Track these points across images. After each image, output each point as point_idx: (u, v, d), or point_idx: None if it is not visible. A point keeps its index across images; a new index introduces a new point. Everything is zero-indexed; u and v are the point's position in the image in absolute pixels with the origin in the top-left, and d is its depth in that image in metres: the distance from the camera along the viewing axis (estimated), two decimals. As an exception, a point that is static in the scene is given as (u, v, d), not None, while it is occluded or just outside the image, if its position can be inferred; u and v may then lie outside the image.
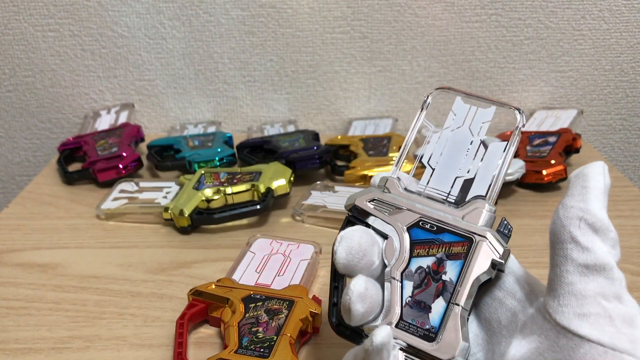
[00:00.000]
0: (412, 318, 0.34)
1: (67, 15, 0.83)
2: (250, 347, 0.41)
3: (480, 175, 0.36)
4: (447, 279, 0.34)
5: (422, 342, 0.33)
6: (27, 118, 0.89)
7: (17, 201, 0.68)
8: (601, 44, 0.87)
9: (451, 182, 0.37)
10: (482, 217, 0.34)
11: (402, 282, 0.35)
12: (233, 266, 0.52)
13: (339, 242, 0.34)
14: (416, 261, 0.35)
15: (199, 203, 0.62)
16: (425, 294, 0.34)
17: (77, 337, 0.46)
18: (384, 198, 0.37)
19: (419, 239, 0.35)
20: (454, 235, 0.34)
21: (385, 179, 0.38)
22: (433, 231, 0.35)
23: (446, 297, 0.33)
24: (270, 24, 0.85)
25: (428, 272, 0.34)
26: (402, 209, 0.36)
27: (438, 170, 0.37)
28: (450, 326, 0.33)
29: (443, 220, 0.35)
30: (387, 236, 0.36)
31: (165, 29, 0.85)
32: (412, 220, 0.36)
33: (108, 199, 0.66)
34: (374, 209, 0.37)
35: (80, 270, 0.55)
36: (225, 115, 0.90)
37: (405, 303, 0.34)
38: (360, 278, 0.33)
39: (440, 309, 0.33)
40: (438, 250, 0.35)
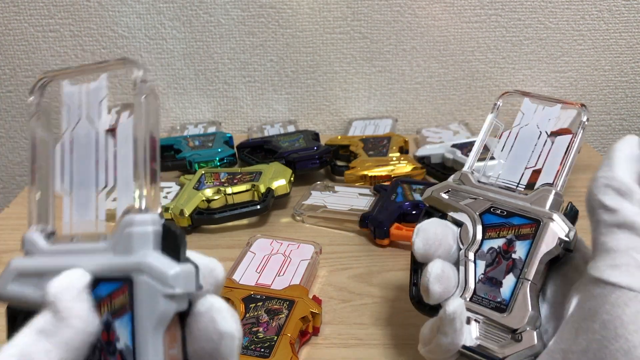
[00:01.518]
0: (484, 292, 0.37)
1: (67, 15, 0.84)
2: (251, 347, 0.42)
3: (548, 165, 0.40)
4: (517, 257, 0.37)
5: (493, 313, 0.36)
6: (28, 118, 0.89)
7: (18, 201, 0.68)
8: (601, 44, 0.87)
9: (521, 172, 0.41)
10: (548, 202, 0.38)
11: (475, 261, 0.38)
12: (233, 266, 0.52)
13: (417, 234, 0.39)
14: (488, 243, 0.38)
15: (200, 203, 0.62)
16: (496, 271, 0.38)
17: (78, 337, 0.46)
18: (459, 189, 0.41)
19: (490, 223, 0.39)
20: (523, 218, 0.38)
21: (460, 173, 0.42)
22: (503, 216, 0.39)
23: (516, 273, 0.37)
24: (271, 25, 0.85)
25: (499, 251, 0.38)
26: (475, 197, 0.40)
27: (509, 163, 0.41)
28: (520, 298, 0.36)
29: (512, 206, 0.39)
30: (462, 223, 0.40)
31: (166, 29, 0.85)
32: (484, 207, 0.40)
33: (108, 199, 0.66)
34: (449, 198, 0.41)
35: (81, 270, 0.55)
36: (226, 115, 0.90)
37: (479, 279, 0.38)
38: (437, 261, 0.37)
39: (510, 284, 0.37)
40: (508, 232, 0.38)
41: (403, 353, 0.44)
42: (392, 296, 0.51)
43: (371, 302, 0.50)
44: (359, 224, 0.60)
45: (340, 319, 0.48)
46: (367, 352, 0.44)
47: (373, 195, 0.65)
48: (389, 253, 0.58)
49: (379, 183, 0.68)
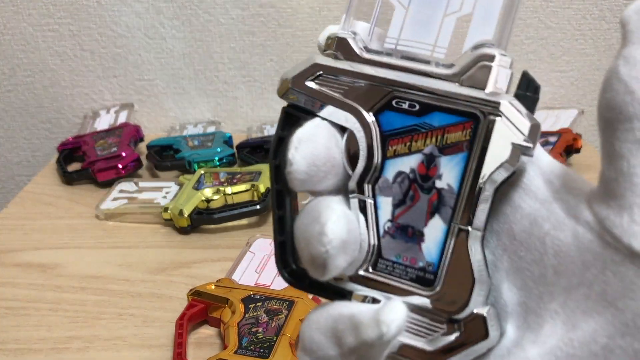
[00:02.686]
0: (396, 253, 0.23)
1: (66, 15, 0.83)
2: (250, 347, 0.41)
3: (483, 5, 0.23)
4: (444, 185, 0.22)
5: (414, 289, 0.23)
6: (27, 118, 0.89)
7: (17, 201, 0.68)
8: (602, 43, 0.87)
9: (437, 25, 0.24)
10: (491, 77, 0.22)
11: (375, 200, 0.24)
12: (233, 266, 0.51)
13: (297, 146, 0.23)
14: (394, 164, 0.23)
15: (199, 203, 0.62)
16: (412, 213, 0.23)
17: (76, 338, 0.46)
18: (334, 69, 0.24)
19: (394, 128, 0.23)
20: (449, 114, 0.22)
21: (333, 39, 0.24)
22: (415, 112, 0.23)
23: (445, 215, 0.22)
24: (270, 24, 0.84)
25: (413, 178, 0.23)
26: (363, 82, 0.24)
27: (414, 9, 0.24)
28: (456, 259, 0.22)
29: (429, 91, 0.23)
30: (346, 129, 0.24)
31: (165, 28, 0.84)
32: (381, 99, 0.23)
33: (107, 199, 0.66)
34: (322, 89, 0.24)
35: (79, 271, 0.55)
36: (225, 115, 0.90)
37: (385, 232, 0.23)
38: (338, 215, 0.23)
39: (438, 235, 0.23)
40: (425, 141, 0.23)
41: (403, 354, 0.44)
42: (393, 296, 0.51)
43: (371, 303, 0.50)
44: (359, 224, 0.59)
45: (340, 320, 0.48)
46: (367, 353, 0.44)
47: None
48: (389, 253, 0.57)
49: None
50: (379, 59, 0.24)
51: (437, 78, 0.22)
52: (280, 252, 0.26)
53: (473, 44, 0.22)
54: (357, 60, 0.24)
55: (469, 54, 0.22)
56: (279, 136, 0.24)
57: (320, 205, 0.23)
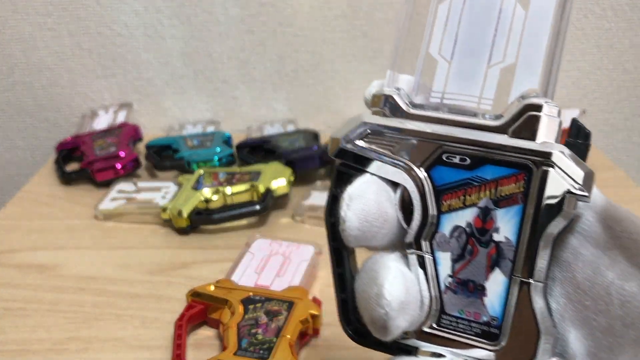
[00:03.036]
0: (459, 309, 0.23)
1: (65, 14, 0.83)
2: (250, 348, 0.41)
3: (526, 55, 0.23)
4: (502, 238, 0.22)
5: (480, 343, 0.23)
6: (25, 117, 0.89)
7: (15, 201, 0.68)
8: (604, 43, 0.87)
9: (481, 77, 0.24)
10: (541, 127, 0.22)
11: (434, 255, 0.24)
12: (232, 267, 0.51)
13: (349, 203, 0.23)
14: (449, 218, 0.23)
15: (198, 203, 0.61)
16: (472, 268, 0.23)
17: (75, 339, 0.46)
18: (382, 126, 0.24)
19: (446, 182, 0.23)
20: (501, 167, 0.22)
21: (380, 96, 0.25)
22: (466, 165, 0.23)
23: (505, 268, 0.22)
24: (270, 23, 0.84)
25: (470, 232, 0.23)
26: (412, 139, 0.24)
27: (458, 63, 0.24)
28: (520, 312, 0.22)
29: (479, 144, 0.22)
30: (399, 186, 0.24)
31: (164, 27, 0.84)
32: (431, 154, 0.23)
33: (106, 199, 0.65)
34: (371, 146, 0.24)
35: (78, 271, 0.54)
36: (225, 114, 0.90)
37: (446, 287, 0.24)
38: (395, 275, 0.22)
39: (499, 288, 0.22)
40: (479, 195, 0.23)
41: (405, 355, 0.43)
42: (394, 297, 0.50)
43: (372, 304, 0.49)
44: (360, 224, 0.59)
45: (340, 321, 0.47)
46: (367, 355, 0.44)
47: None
48: (390, 254, 0.57)
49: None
50: (426, 113, 0.24)
51: (485, 130, 0.22)
52: (342, 310, 0.26)
53: (519, 94, 0.22)
54: (405, 116, 0.24)
55: (516, 104, 0.22)
56: (332, 194, 0.25)
57: (377, 265, 0.23)
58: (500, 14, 0.23)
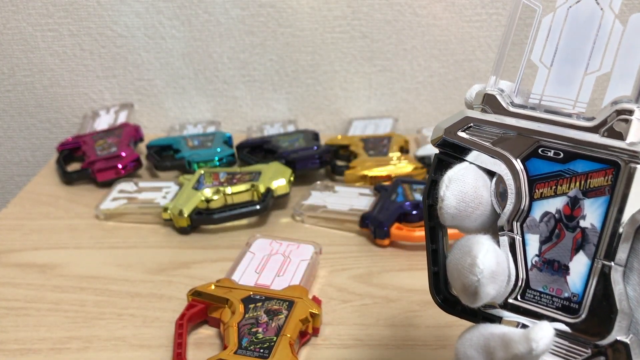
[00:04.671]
0: (543, 285, 0.26)
1: (66, 14, 0.83)
2: (250, 347, 0.41)
3: (621, 66, 0.26)
4: (588, 225, 0.25)
5: (560, 316, 0.26)
6: (26, 118, 0.89)
7: (16, 201, 0.68)
8: (602, 43, 0.87)
9: (578, 83, 0.27)
10: (632, 129, 0.24)
11: (523, 236, 0.27)
12: (232, 266, 0.51)
13: (448, 184, 0.27)
14: (540, 205, 0.26)
15: (199, 203, 0.62)
16: (558, 249, 0.26)
17: (76, 338, 0.46)
18: (484, 121, 0.28)
19: (540, 173, 0.26)
20: (591, 162, 0.25)
21: (482, 94, 0.29)
22: (559, 159, 0.26)
23: (589, 252, 0.25)
24: (270, 24, 0.84)
25: (559, 218, 0.26)
26: (510, 133, 0.27)
27: (557, 69, 0.27)
28: (599, 291, 0.24)
29: (572, 141, 0.26)
30: (495, 174, 0.27)
31: (165, 28, 0.84)
32: (528, 147, 0.27)
33: (107, 199, 0.66)
34: (473, 138, 0.28)
35: (79, 271, 0.55)
36: (225, 115, 0.90)
37: (532, 265, 0.27)
38: (488, 249, 0.25)
39: (582, 269, 0.25)
40: (570, 185, 0.26)
41: (403, 354, 0.44)
42: (393, 297, 0.50)
43: (371, 303, 0.50)
44: (359, 224, 0.60)
45: (340, 320, 0.48)
46: (367, 353, 0.44)
47: (373, 195, 0.64)
48: (389, 253, 0.57)
49: (379, 183, 0.67)
50: (525, 112, 0.27)
51: (579, 129, 0.26)
52: (434, 281, 0.30)
53: (612, 99, 0.25)
54: (505, 113, 0.28)
55: (608, 107, 0.25)
56: (432, 179, 0.28)
57: (471, 241, 0.26)
58: (600, 27, 0.27)
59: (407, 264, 0.55)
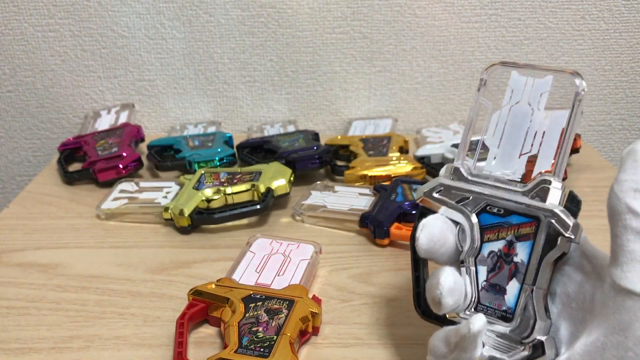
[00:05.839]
0: (489, 301, 0.36)
1: (67, 15, 0.83)
2: (250, 346, 0.41)
3: (544, 150, 0.36)
4: (519, 260, 0.35)
5: (500, 323, 0.36)
6: (27, 118, 0.89)
7: (17, 201, 0.68)
8: (601, 44, 0.87)
9: (516, 160, 0.38)
10: (550, 194, 0.35)
11: (476, 267, 0.37)
12: (233, 266, 0.52)
13: (421, 229, 0.37)
14: (488, 246, 0.37)
15: (199, 203, 0.62)
16: (499, 277, 0.36)
17: (77, 337, 0.46)
18: (451, 186, 0.39)
19: (488, 223, 0.37)
20: (522, 216, 0.35)
21: (451, 167, 0.39)
22: (501, 214, 0.36)
23: (519, 278, 0.35)
24: (270, 24, 0.85)
25: (500, 255, 0.36)
26: (468, 195, 0.38)
27: (502, 150, 0.38)
28: (525, 306, 0.35)
29: (510, 203, 0.36)
30: (458, 223, 0.38)
31: (166, 29, 0.85)
32: (480, 206, 0.37)
33: (108, 199, 0.66)
34: (443, 198, 0.38)
35: (80, 270, 0.55)
36: (225, 115, 0.90)
37: (482, 287, 0.37)
38: (448, 273, 0.36)
39: (514, 291, 0.35)
40: (507, 233, 0.36)
41: (403, 353, 0.44)
42: (392, 296, 0.51)
43: (371, 302, 0.50)
44: (359, 224, 0.60)
45: (340, 319, 0.48)
46: (366, 352, 0.44)
47: (373, 195, 0.64)
48: (389, 253, 0.57)
49: (378, 183, 0.68)
50: (479, 180, 0.38)
51: (515, 193, 0.36)
52: (417, 298, 0.41)
53: (538, 172, 0.36)
54: (466, 181, 0.39)
55: (536, 178, 0.36)
56: (415, 225, 0.38)
57: (439, 270, 0.37)
58: (531, 122, 0.37)
59: (406, 263, 0.55)
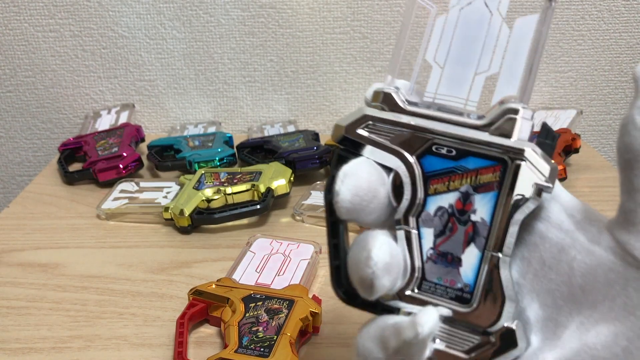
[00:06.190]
0: (438, 276, 0.27)
1: (67, 15, 0.84)
2: (251, 346, 0.42)
3: (508, 67, 0.27)
4: (478, 219, 0.26)
5: (454, 306, 0.27)
6: (28, 118, 0.90)
7: (18, 201, 0.68)
8: (600, 44, 0.87)
9: (469, 82, 0.28)
10: (516, 127, 0.26)
11: (419, 230, 0.27)
12: (233, 266, 0.52)
13: (342, 179, 0.27)
14: (434, 200, 0.27)
15: (199, 203, 0.62)
16: (451, 242, 0.27)
17: (77, 337, 0.46)
18: (381, 118, 0.28)
19: (434, 170, 0.27)
20: (481, 159, 0.26)
21: (380, 93, 0.28)
22: (452, 157, 0.27)
23: (479, 244, 0.26)
24: (270, 25, 0.85)
25: (452, 212, 0.27)
26: (405, 131, 0.28)
27: (449, 69, 0.28)
28: (488, 281, 0.26)
29: (464, 139, 0.26)
30: (392, 170, 0.28)
31: (166, 29, 0.85)
32: (422, 145, 0.27)
33: (108, 199, 0.66)
34: (371, 135, 0.28)
35: (80, 270, 0.55)
36: (226, 115, 0.90)
37: (428, 257, 0.27)
38: (382, 242, 0.26)
39: (473, 260, 0.26)
40: (462, 181, 0.27)
41: (403, 353, 0.44)
42: (392, 296, 0.51)
43: (371, 302, 0.50)
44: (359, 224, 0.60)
45: (340, 319, 0.48)
46: (366, 352, 0.44)
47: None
48: (388, 253, 0.57)
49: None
50: (419, 110, 0.28)
51: (470, 128, 0.27)
52: (336, 275, 0.30)
53: (500, 99, 0.26)
54: (401, 111, 0.28)
55: (497, 107, 0.26)
56: (332, 174, 0.28)
57: (367, 236, 0.27)
58: (488, 30, 0.27)
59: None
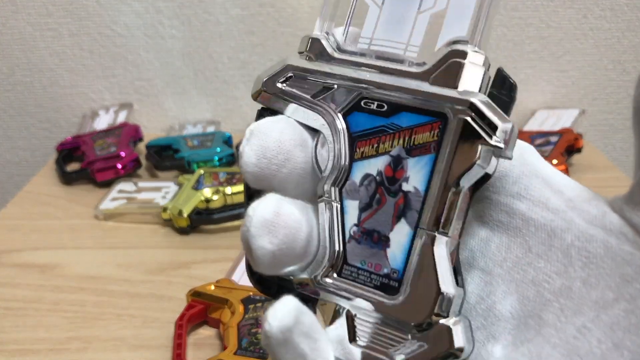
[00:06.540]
0: (361, 259, 0.22)
1: (65, 14, 0.83)
2: (250, 348, 0.41)
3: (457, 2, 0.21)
4: (411, 188, 0.21)
5: (378, 296, 0.21)
6: (26, 118, 0.89)
7: (15, 201, 0.68)
8: (603, 43, 0.87)
9: (410, 23, 0.22)
10: (463, 74, 0.20)
11: (342, 203, 0.22)
12: (232, 267, 0.51)
13: (248, 138, 0.22)
14: (361, 166, 0.22)
15: (198, 203, 0.62)
16: (378, 217, 0.22)
17: (75, 338, 0.46)
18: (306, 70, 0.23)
19: (362, 129, 0.22)
20: (417, 115, 0.21)
21: (307, 39, 0.24)
22: (383, 112, 0.22)
23: (411, 219, 0.21)
24: (270, 23, 0.84)
25: (380, 181, 0.22)
26: (333, 83, 0.23)
27: (388, 7, 0.23)
28: (420, 266, 0.20)
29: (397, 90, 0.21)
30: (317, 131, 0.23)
31: (165, 28, 0.84)
32: (349, 99, 0.22)
33: (106, 199, 0.66)
34: (292, 90, 0.23)
35: (78, 271, 0.55)
36: (225, 114, 0.90)
37: (350, 236, 0.22)
38: (270, 199, 0.21)
39: (403, 240, 0.21)
40: (393, 143, 0.21)
41: (404, 355, 0.44)
42: (393, 297, 0.50)
43: (372, 303, 0.50)
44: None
45: (340, 320, 0.48)
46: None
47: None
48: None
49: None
50: (351, 58, 0.23)
51: (407, 77, 0.21)
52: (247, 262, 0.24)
53: (446, 41, 0.21)
54: (329, 60, 0.23)
55: (441, 50, 0.21)
56: None
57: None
58: None
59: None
